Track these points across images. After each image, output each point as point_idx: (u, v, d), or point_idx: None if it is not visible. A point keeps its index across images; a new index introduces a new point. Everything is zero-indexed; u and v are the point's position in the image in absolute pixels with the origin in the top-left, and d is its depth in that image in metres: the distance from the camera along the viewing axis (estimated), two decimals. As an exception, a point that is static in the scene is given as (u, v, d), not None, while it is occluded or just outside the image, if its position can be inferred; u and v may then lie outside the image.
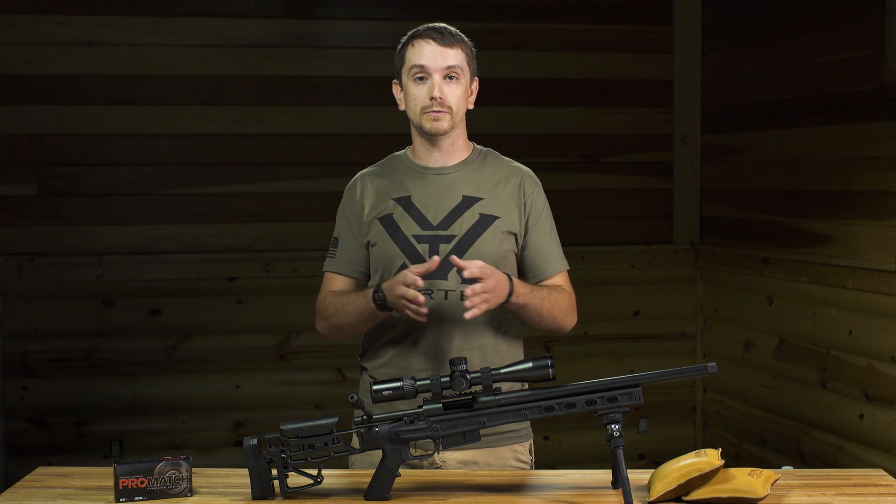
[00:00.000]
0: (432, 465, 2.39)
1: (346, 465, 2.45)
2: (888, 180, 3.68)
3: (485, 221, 2.44)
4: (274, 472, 2.15)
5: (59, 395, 4.53)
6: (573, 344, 4.83)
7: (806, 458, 4.19)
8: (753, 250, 4.55)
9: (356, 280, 2.51)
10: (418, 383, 2.12)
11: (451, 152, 2.49)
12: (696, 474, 2.08)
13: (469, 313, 2.26)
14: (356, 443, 2.20)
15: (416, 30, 2.46)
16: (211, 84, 4.63)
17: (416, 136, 2.50)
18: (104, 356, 4.57)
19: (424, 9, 4.57)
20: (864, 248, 3.81)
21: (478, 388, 2.13)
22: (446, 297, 2.38)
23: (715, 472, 2.09)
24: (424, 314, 2.29)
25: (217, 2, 4.64)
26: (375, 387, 2.13)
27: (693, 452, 2.14)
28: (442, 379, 2.11)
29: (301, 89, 4.70)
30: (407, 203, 2.47)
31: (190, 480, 2.17)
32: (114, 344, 4.57)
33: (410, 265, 2.37)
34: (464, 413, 2.13)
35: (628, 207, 5.02)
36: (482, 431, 2.16)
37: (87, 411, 4.56)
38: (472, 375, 2.11)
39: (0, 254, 4.47)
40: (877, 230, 3.74)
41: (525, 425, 2.50)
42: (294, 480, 2.16)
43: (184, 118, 4.62)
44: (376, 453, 2.16)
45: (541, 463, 2.68)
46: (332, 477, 2.24)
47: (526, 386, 2.37)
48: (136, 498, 2.14)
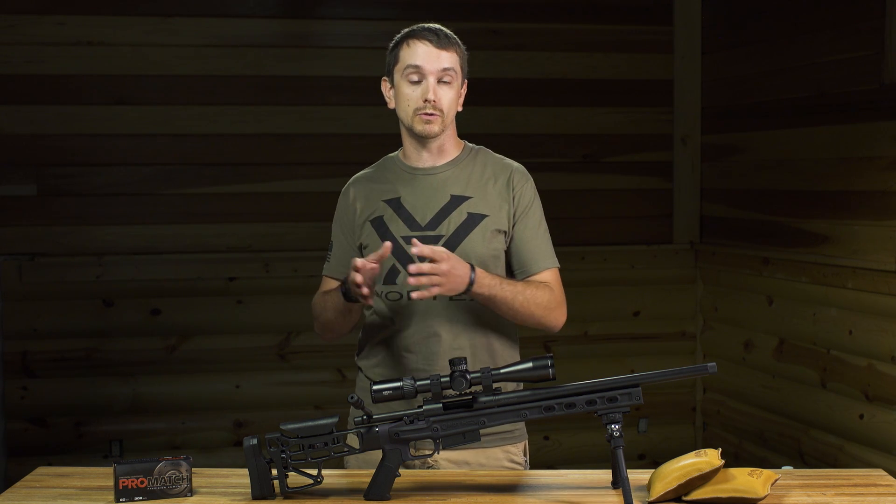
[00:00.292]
0: (424, 465, 2.39)
1: (343, 465, 2.45)
2: (888, 180, 3.68)
3: (472, 220, 2.43)
4: (274, 472, 2.15)
5: (59, 395, 4.53)
6: (573, 344, 4.83)
7: (806, 458, 4.19)
8: (753, 250, 4.55)
9: None
10: (418, 383, 2.12)
11: (441, 153, 2.48)
12: (696, 474, 2.08)
13: (415, 293, 2.25)
14: (352, 442, 2.20)
15: (412, 29, 2.45)
16: (211, 84, 4.63)
17: (406, 137, 2.50)
18: (104, 356, 4.57)
19: (425, 9, 4.54)
20: (864, 248, 3.81)
21: (478, 388, 2.13)
22: (434, 297, 2.35)
23: (715, 472, 2.09)
24: (366, 296, 2.29)
25: (217, 2, 4.64)
26: (375, 387, 2.12)
27: (693, 452, 2.14)
28: (442, 379, 2.11)
29: (301, 89, 4.70)
30: (396, 205, 2.47)
31: (190, 480, 2.17)
32: (114, 344, 4.58)
33: (400, 267, 2.39)
34: (464, 413, 2.12)
35: (628, 207, 5.02)
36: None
37: (87, 411, 4.56)
38: (472, 375, 2.10)
39: (0, 254, 4.48)
40: (877, 230, 3.74)
41: (519, 426, 2.49)
42: (294, 480, 2.16)
43: (184, 118, 4.62)
44: (374, 453, 2.16)
45: (541, 463, 2.68)
46: (332, 477, 2.24)
47: (521, 386, 2.37)
48: (136, 498, 2.14)
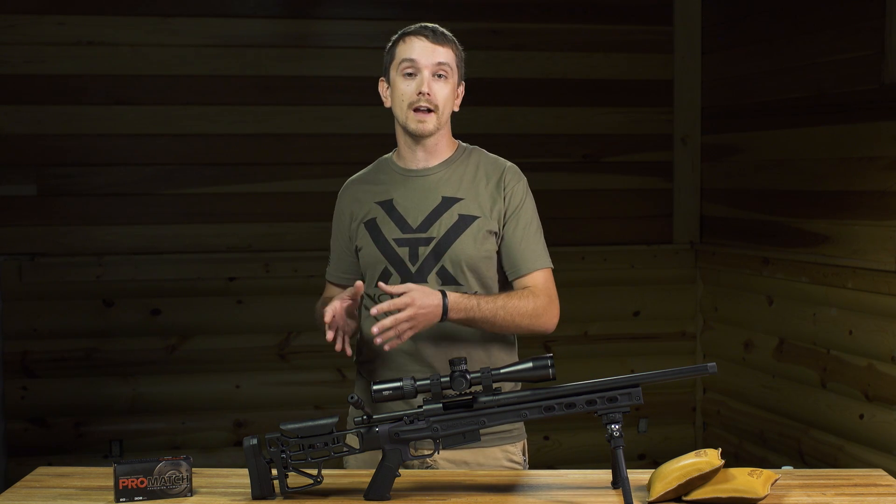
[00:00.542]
0: (423, 465, 2.38)
1: (343, 465, 2.45)
2: (888, 180, 3.68)
3: (464, 222, 2.42)
4: (274, 472, 2.15)
5: (59, 395, 4.53)
6: (573, 344, 4.83)
7: (806, 458, 4.19)
8: (753, 250, 4.54)
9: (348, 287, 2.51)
10: (418, 383, 2.12)
11: (435, 152, 2.48)
12: (696, 474, 2.08)
13: (387, 346, 2.27)
14: (352, 442, 2.20)
15: (408, 28, 2.46)
16: (211, 84, 4.63)
17: (401, 136, 2.49)
18: (104, 356, 4.57)
19: (424, 9, 4.57)
20: (864, 248, 3.81)
21: (478, 388, 2.13)
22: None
23: (715, 472, 2.09)
24: (337, 350, 2.33)
25: (217, 2, 4.64)
26: (375, 387, 2.12)
27: (693, 452, 2.14)
28: (442, 379, 2.11)
29: (301, 89, 4.70)
30: (389, 207, 2.46)
31: (190, 480, 2.17)
32: (114, 344, 4.58)
33: (392, 269, 2.40)
34: (464, 413, 2.12)
35: (628, 207, 5.02)
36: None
37: (87, 411, 4.56)
38: (472, 375, 2.10)
39: (0, 254, 4.48)
40: (877, 230, 3.74)
41: (518, 426, 2.48)
42: (294, 480, 2.16)
43: (184, 118, 4.62)
44: (374, 453, 2.16)
45: (541, 463, 2.68)
46: (332, 477, 2.24)
47: (519, 386, 2.36)
48: (136, 498, 2.14)
